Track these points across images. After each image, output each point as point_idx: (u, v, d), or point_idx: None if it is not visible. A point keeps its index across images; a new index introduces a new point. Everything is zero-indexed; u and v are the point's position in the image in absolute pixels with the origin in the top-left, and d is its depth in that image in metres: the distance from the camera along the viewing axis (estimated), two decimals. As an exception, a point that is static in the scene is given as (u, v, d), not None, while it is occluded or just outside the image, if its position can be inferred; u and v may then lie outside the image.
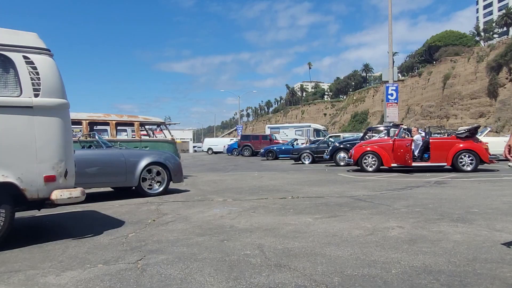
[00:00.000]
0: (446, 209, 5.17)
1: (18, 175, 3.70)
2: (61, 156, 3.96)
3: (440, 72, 63.70)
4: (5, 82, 3.73)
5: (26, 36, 3.93)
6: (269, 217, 4.96)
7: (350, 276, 2.71)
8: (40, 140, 3.82)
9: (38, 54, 3.90)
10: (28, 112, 3.77)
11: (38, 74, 3.85)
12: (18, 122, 3.73)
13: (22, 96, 3.75)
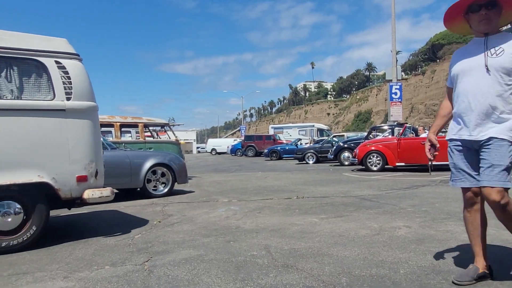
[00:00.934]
0: (453, 208, 5.14)
1: (52, 176, 3.84)
2: (92, 157, 4.12)
3: (444, 70, 63.45)
4: (39, 87, 3.90)
5: (57, 42, 4.09)
6: (275, 218, 4.95)
7: (358, 276, 2.69)
8: (72, 142, 3.98)
9: (69, 59, 4.06)
10: (61, 115, 3.93)
11: (69, 78, 4.00)
12: (52, 125, 3.89)
13: (55, 99, 3.91)
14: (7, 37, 3.81)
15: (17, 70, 3.82)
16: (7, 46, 3.76)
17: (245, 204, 6.18)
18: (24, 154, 3.72)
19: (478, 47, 2.41)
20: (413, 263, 2.93)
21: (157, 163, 7.43)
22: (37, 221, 3.84)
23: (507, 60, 2.26)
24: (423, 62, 79.17)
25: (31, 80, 3.89)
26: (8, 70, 3.79)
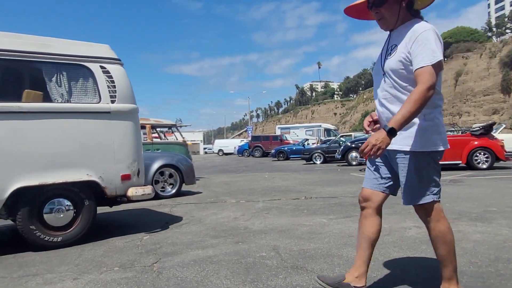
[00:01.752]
0: (463, 208, 5.08)
1: (100, 174, 4.07)
2: (135, 157, 4.36)
3: (452, 69, 62.97)
4: (85, 90, 4.14)
5: (101, 48, 4.33)
6: (283, 218, 4.93)
7: (368, 277, 2.65)
8: (117, 142, 4.21)
9: (112, 64, 4.30)
10: (106, 117, 4.16)
11: (113, 82, 4.23)
12: (98, 126, 4.13)
13: (101, 102, 4.15)
14: (56, 44, 4.04)
15: (66, 75, 4.05)
16: (57, 52, 3.99)
17: (253, 204, 6.16)
18: (74, 154, 3.94)
19: (383, 47, 2.18)
20: (424, 264, 2.89)
21: (164, 164, 7.44)
22: (86, 218, 4.08)
23: (396, 60, 2.00)
24: (431, 60, 78.61)
25: (79, 84, 4.12)
26: (58, 75, 4.01)
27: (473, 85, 57.22)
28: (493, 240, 3.47)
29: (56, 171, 3.82)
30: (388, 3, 2.03)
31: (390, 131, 1.85)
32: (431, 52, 1.87)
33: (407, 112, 1.84)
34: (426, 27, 1.93)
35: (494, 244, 3.34)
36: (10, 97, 3.76)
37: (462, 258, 2.99)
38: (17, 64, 3.89)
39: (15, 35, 3.89)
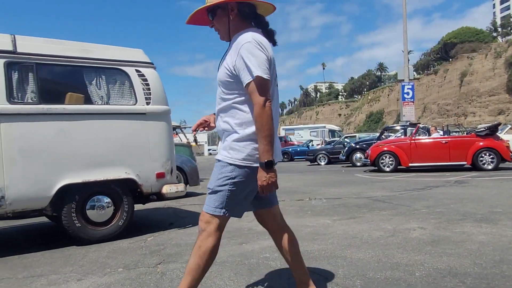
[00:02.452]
0: (468, 209, 5.05)
1: (137, 172, 4.28)
2: (168, 156, 4.57)
3: (457, 70, 62.71)
4: (122, 93, 4.38)
5: (135, 52, 4.58)
6: (287, 219, 4.86)
7: (373, 279, 2.65)
8: (152, 142, 4.43)
9: (146, 67, 4.53)
10: (142, 118, 4.39)
11: (148, 85, 4.46)
12: (135, 127, 4.35)
13: (137, 104, 4.37)
14: (95, 49, 4.29)
15: (105, 79, 4.28)
16: (96, 57, 4.23)
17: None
18: (113, 153, 4.17)
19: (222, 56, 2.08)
20: (429, 266, 2.87)
21: (169, 166, 7.45)
22: (124, 214, 4.29)
23: (222, 71, 1.93)
24: (435, 61, 78.29)
25: (116, 87, 4.36)
26: (97, 79, 4.25)
27: (479, 86, 56.92)
28: (498, 242, 3.44)
29: (98, 169, 4.04)
30: (217, 15, 1.97)
31: (268, 164, 1.84)
32: (251, 67, 1.79)
33: (264, 139, 1.81)
34: (246, 39, 1.83)
35: (499, 246, 3.31)
36: (55, 99, 4.01)
37: (466, 259, 2.98)
38: (60, 69, 4.14)
39: (58, 41, 4.15)
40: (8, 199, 3.64)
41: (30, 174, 3.75)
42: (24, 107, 3.77)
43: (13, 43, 3.83)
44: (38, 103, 3.83)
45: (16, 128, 3.69)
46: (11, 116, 3.67)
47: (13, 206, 3.70)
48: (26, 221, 5.37)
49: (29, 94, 3.87)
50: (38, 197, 3.81)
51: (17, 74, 3.82)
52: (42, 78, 3.94)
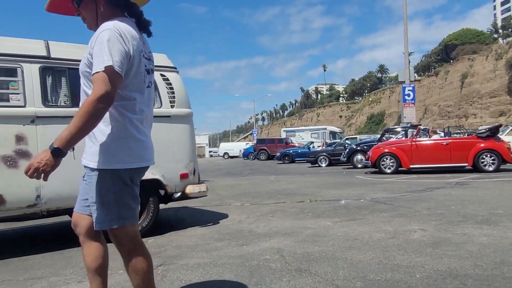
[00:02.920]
0: (469, 211, 5.04)
1: (162, 173, 4.43)
2: (191, 157, 4.76)
3: (458, 71, 62.69)
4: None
5: (159, 57, 4.71)
6: (288, 221, 4.92)
7: (373, 281, 2.65)
8: (176, 144, 4.61)
9: (170, 72, 4.73)
10: (167, 121, 4.55)
11: (172, 88, 4.65)
12: (160, 129, 4.36)
13: (162, 107, 4.55)
14: None
15: None
16: None
17: (258, 207, 6.16)
18: None
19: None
20: (429, 267, 2.87)
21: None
22: (151, 213, 4.44)
23: (83, 62, 1.77)
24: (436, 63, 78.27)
25: None
26: None
27: (480, 87, 56.88)
28: (499, 243, 3.44)
29: None
30: (83, 2, 1.80)
31: (55, 151, 1.58)
32: (103, 56, 1.61)
33: (74, 128, 1.58)
34: (106, 26, 1.67)
35: (500, 247, 3.31)
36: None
37: (467, 261, 2.98)
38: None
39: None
40: (43, 198, 3.79)
41: (63, 174, 3.78)
42: (58, 110, 3.94)
43: (46, 49, 4.00)
44: (71, 106, 3.97)
45: (50, 130, 3.80)
46: (46, 118, 3.83)
47: (48, 205, 3.84)
48: (27, 223, 5.38)
49: (62, 98, 4.05)
50: (71, 197, 3.78)
51: (51, 78, 3.98)
52: (74, 82, 4.04)
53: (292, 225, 4.66)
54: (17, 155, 3.68)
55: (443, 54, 74.93)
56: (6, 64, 3.75)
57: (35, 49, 3.94)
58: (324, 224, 4.66)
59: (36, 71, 3.85)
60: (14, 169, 3.66)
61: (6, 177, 3.63)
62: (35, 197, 3.75)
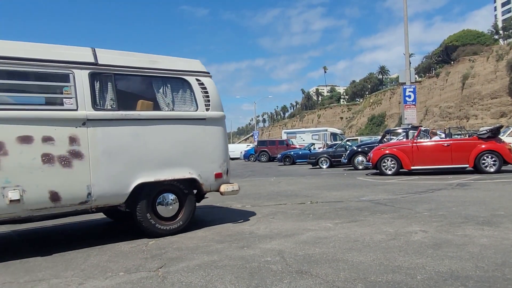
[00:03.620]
0: (470, 212, 5.03)
1: (198, 173, 4.70)
2: (225, 157, 5.02)
3: (459, 72, 62.66)
4: (185, 100, 4.81)
5: (194, 63, 5.01)
6: (289, 223, 4.92)
7: (374, 282, 2.65)
8: (211, 145, 4.86)
9: (204, 77, 4.96)
10: (203, 123, 4.82)
11: (207, 92, 4.88)
12: (197, 131, 4.78)
13: (198, 110, 4.80)
14: (161, 60, 4.74)
15: (170, 87, 4.73)
16: (163, 68, 4.68)
17: (258, 209, 6.15)
18: (179, 155, 4.59)
19: None
20: (431, 269, 2.86)
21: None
22: (188, 210, 4.71)
23: None
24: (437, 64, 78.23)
25: (179, 95, 4.78)
26: (164, 87, 4.70)
27: (480, 88, 56.83)
28: (500, 245, 3.43)
29: (166, 170, 4.47)
30: None
31: None
32: None
33: None
34: None
35: (501, 249, 3.30)
36: (129, 106, 4.43)
37: (468, 262, 2.97)
38: (133, 78, 4.61)
39: (131, 54, 4.60)
40: (93, 196, 4.02)
41: (112, 174, 4.14)
42: (106, 113, 4.19)
43: (94, 56, 4.27)
44: (117, 110, 4.25)
45: (99, 132, 4.10)
46: (95, 121, 4.09)
47: (97, 202, 4.08)
48: (27, 226, 5.38)
49: (109, 102, 4.29)
50: (118, 194, 4.20)
51: (98, 83, 4.23)
52: (119, 87, 4.37)
53: (293, 227, 4.66)
54: (70, 155, 3.93)
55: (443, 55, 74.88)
56: (60, 70, 4.03)
57: (84, 56, 4.21)
58: (325, 225, 4.65)
59: (86, 76, 4.13)
60: (68, 168, 3.91)
61: (61, 176, 3.86)
62: (87, 195, 3.99)
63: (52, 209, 3.88)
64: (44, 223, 5.42)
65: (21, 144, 3.70)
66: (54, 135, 3.87)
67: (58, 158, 3.86)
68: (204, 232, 4.60)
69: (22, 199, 3.65)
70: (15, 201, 3.60)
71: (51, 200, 3.81)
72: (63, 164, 3.88)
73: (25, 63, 3.87)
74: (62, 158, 3.88)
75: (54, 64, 4.00)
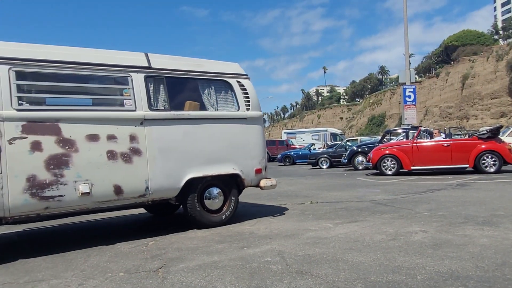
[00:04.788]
0: (470, 212, 5.03)
1: (241, 168, 5.05)
2: (263, 154, 5.36)
3: (458, 72, 62.65)
4: (227, 101, 5.18)
5: (234, 66, 5.41)
6: (289, 223, 4.92)
7: (374, 282, 2.64)
8: (251, 143, 5.21)
9: (244, 79, 5.32)
10: (244, 122, 5.17)
11: (247, 93, 5.24)
12: (239, 130, 5.12)
13: (240, 110, 5.16)
14: (206, 63, 5.09)
15: (214, 89, 5.09)
16: (208, 71, 5.03)
17: (258, 209, 6.15)
18: (224, 152, 4.93)
19: None
20: (431, 269, 2.86)
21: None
22: (232, 204, 5.07)
23: None
24: (437, 64, 78.20)
25: (222, 96, 5.15)
26: (208, 89, 5.06)
27: (480, 89, 56.82)
28: (500, 245, 3.43)
29: (213, 165, 4.81)
30: None
31: None
32: None
33: None
34: None
35: (501, 249, 3.30)
36: (179, 107, 4.77)
37: (468, 262, 2.97)
38: (182, 80, 4.91)
39: (178, 58, 4.94)
40: (151, 189, 4.37)
41: (166, 169, 4.49)
42: (160, 113, 4.53)
43: (147, 60, 4.62)
44: (169, 110, 4.60)
45: (155, 130, 4.45)
46: (151, 121, 4.44)
47: (154, 195, 4.43)
48: (27, 226, 5.38)
49: (161, 103, 4.63)
50: (171, 188, 4.55)
51: (152, 86, 4.59)
52: (170, 89, 4.70)
53: (293, 227, 4.66)
54: (131, 152, 4.28)
55: (443, 55, 74.84)
56: (120, 74, 4.41)
57: (139, 60, 4.57)
58: (325, 226, 4.65)
59: (142, 79, 4.47)
60: (129, 164, 4.26)
61: (123, 171, 4.22)
62: (145, 189, 4.33)
63: (115, 202, 4.24)
64: (44, 223, 5.42)
65: (89, 142, 4.07)
66: (117, 133, 4.22)
67: (121, 154, 4.22)
68: (204, 232, 4.60)
69: (91, 192, 4.01)
70: (85, 194, 3.96)
71: (115, 193, 4.17)
72: (125, 160, 4.24)
73: (91, 67, 4.24)
74: (124, 154, 4.24)
75: (115, 68, 4.37)
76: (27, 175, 3.72)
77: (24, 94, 3.96)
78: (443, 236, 3.85)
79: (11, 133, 3.70)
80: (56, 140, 3.89)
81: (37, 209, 3.81)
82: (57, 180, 3.85)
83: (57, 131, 3.91)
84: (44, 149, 3.83)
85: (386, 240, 3.80)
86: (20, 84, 3.88)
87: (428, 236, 3.89)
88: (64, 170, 3.90)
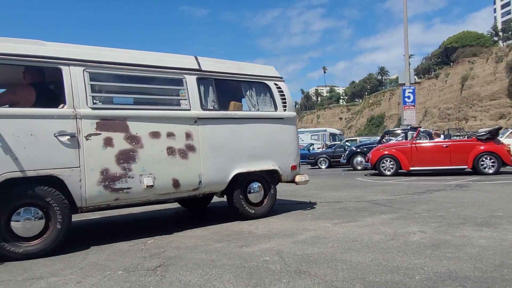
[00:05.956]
0: (469, 213, 5.04)
1: (279, 165, 5.41)
2: (297, 152, 5.76)
3: (458, 74, 62.71)
4: (266, 102, 5.52)
5: (270, 69, 5.74)
6: (287, 223, 4.92)
7: (372, 282, 2.65)
8: (287, 141, 5.57)
9: (279, 81, 5.67)
10: (281, 122, 5.53)
11: (283, 95, 5.59)
12: (277, 129, 5.47)
13: (277, 111, 5.52)
14: (246, 66, 5.45)
15: (255, 90, 5.43)
16: (249, 73, 5.40)
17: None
18: (264, 149, 5.28)
19: None
20: (429, 269, 2.87)
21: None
22: (271, 198, 5.44)
23: None
24: (437, 65, 78.27)
25: (261, 97, 5.49)
26: (250, 91, 5.42)
27: (480, 90, 56.90)
28: (498, 246, 3.44)
29: (255, 162, 5.17)
30: None
31: None
32: None
33: None
34: None
35: (500, 250, 3.31)
36: (225, 107, 5.14)
37: (466, 263, 2.97)
38: (227, 82, 5.25)
39: (222, 61, 5.25)
40: (203, 183, 4.71)
41: (216, 165, 4.82)
42: (211, 112, 4.86)
43: (197, 63, 4.93)
44: (218, 110, 4.94)
45: (207, 129, 4.78)
46: (204, 119, 4.76)
47: (205, 189, 4.77)
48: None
49: (210, 103, 4.95)
50: (221, 182, 4.89)
51: (203, 87, 4.90)
52: (218, 90, 5.01)
53: (292, 227, 4.66)
54: (186, 148, 4.60)
55: (443, 56, 74.90)
56: (176, 76, 4.74)
57: (191, 63, 4.88)
58: (324, 225, 4.66)
59: (194, 81, 4.80)
60: (185, 159, 4.58)
61: (180, 166, 4.53)
62: (198, 182, 4.66)
63: (173, 194, 4.56)
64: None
65: (152, 138, 4.38)
66: (175, 131, 4.54)
67: (178, 150, 4.53)
68: (203, 231, 4.60)
69: (154, 185, 4.32)
70: (149, 186, 4.28)
71: (173, 187, 4.48)
72: (182, 156, 4.56)
73: (151, 69, 4.56)
74: (181, 151, 4.55)
75: (171, 70, 4.70)
76: (101, 169, 4.02)
77: (97, 94, 4.22)
78: (441, 236, 3.86)
79: (87, 130, 4.00)
80: (125, 137, 4.21)
81: (109, 200, 4.12)
82: (126, 174, 4.17)
83: (125, 128, 4.22)
84: (115, 144, 4.14)
85: (384, 240, 3.81)
86: (93, 84, 4.16)
87: (427, 236, 3.89)
88: (131, 164, 4.21)
